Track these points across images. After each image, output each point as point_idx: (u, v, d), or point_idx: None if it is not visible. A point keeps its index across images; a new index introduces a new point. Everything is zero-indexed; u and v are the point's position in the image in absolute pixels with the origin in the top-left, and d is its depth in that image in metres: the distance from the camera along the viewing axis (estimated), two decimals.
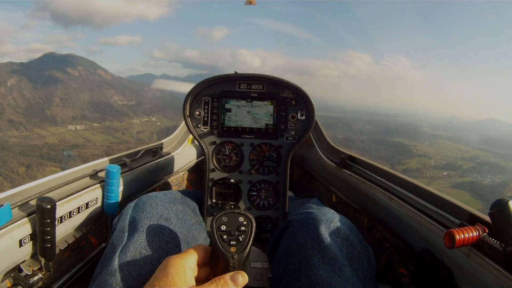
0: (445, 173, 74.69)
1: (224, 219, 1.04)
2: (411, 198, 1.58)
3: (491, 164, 78.27)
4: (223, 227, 1.01)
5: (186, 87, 1.76)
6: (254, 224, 1.03)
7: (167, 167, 2.42)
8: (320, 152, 2.75)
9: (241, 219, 1.04)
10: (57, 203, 1.38)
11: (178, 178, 2.62)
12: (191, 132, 1.74)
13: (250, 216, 1.06)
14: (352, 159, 2.30)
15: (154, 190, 2.19)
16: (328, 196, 2.49)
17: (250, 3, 2.80)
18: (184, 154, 2.67)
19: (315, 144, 2.89)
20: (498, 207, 1.01)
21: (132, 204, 1.40)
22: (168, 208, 1.41)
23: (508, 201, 1.01)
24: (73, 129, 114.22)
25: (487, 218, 1.15)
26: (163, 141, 2.55)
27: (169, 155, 2.44)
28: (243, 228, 1.01)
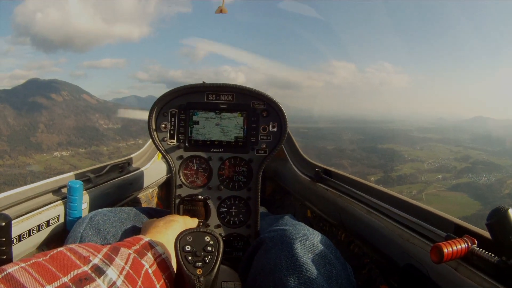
0: (439, 176, 74.17)
1: (189, 238, 0.99)
2: (392, 211, 1.53)
3: (485, 162, 78.02)
4: (188, 248, 0.96)
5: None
6: (221, 244, 0.99)
7: (136, 183, 2.31)
8: (294, 166, 2.62)
9: (207, 238, 1.00)
10: (14, 221, 1.36)
11: (147, 195, 2.56)
12: (156, 147, 1.71)
13: (217, 235, 1.01)
14: (328, 172, 2.20)
15: (120, 207, 2.00)
16: (303, 212, 2.44)
17: (221, 11, 2.91)
18: (153, 170, 2.57)
19: (288, 157, 2.76)
20: (496, 216, 0.94)
21: (82, 221, 1.38)
22: (117, 226, 1.38)
23: (508, 209, 0.95)
24: (59, 155, 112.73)
25: (475, 229, 1.12)
26: (131, 155, 2.43)
27: (137, 171, 2.34)
28: (209, 249, 0.97)
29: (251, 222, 1.72)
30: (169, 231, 1.19)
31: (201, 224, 1.72)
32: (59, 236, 1.63)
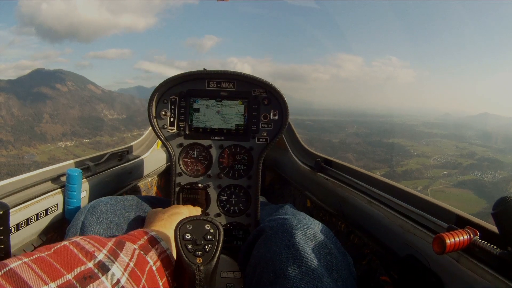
0: (445, 172, 73.98)
1: (189, 227, 0.97)
2: (393, 202, 1.52)
3: (490, 159, 77.85)
4: (188, 236, 0.94)
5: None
6: (222, 232, 0.98)
7: (135, 172, 2.31)
8: (294, 156, 2.63)
9: (207, 226, 0.98)
10: (13, 209, 1.35)
11: (147, 184, 2.55)
12: (156, 134, 1.68)
13: (218, 223, 1.00)
14: (328, 162, 2.20)
15: (120, 195, 1.98)
16: (303, 201, 2.42)
17: None
18: (153, 158, 2.56)
19: (288, 147, 2.74)
20: (502, 206, 0.92)
21: (83, 209, 1.37)
22: (120, 215, 1.38)
23: None
24: (63, 146, 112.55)
25: (477, 220, 1.12)
26: (131, 144, 2.43)
27: (136, 159, 2.34)
28: (209, 237, 0.95)
29: (251, 211, 1.72)
30: (173, 224, 1.13)
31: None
32: (57, 225, 1.64)
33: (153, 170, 2.59)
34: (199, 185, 1.69)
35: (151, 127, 1.72)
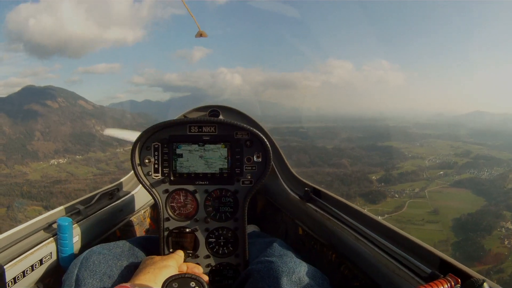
0: (441, 172, 73.28)
1: (175, 285, 1.01)
2: (378, 241, 1.53)
3: (486, 157, 77.31)
4: None
5: (133, 136, 1.79)
6: None
7: (126, 208, 2.34)
8: (284, 184, 2.58)
9: (192, 284, 1.02)
10: (8, 264, 1.39)
11: (139, 217, 2.54)
12: (140, 182, 1.71)
13: (202, 280, 1.05)
14: (317, 192, 2.19)
15: (114, 233, 2.19)
16: (295, 229, 2.38)
17: (201, 35, 2.93)
18: (144, 192, 2.51)
19: (278, 174, 2.68)
20: None
21: (77, 260, 1.40)
22: (112, 265, 1.41)
23: (483, 282, 0.96)
24: (56, 163, 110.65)
25: (460, 266, 1.12)
26: (121, 180, 2.45)
27: (127, 196, 2.36)
28: None
29: (240, 251, 1.74)
30: (158, 279, 1.20)
31: (190, 255, 1.73)
32: (53, 272, 1.67)
33: (145, 203, 2.59)
34: (187, 229, 1.72)
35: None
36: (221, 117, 2.51)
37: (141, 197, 2.51)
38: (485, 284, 0.94)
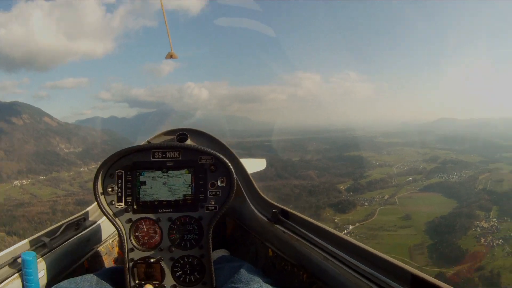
0: (410, 178, 71.32)
1: None
2: (348, 260, 1.50)
3: (454, 161, 76.51)
4: None
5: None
6: None
7: (94, 238, 2.26)
8: (252, 206, 2.54)
9: None
10: None
11: (108, 246, 2.46)
12: (103, 212, 1.70)
13: None
14: (285, 213, 2.16)
15: (82, 265, 2.11)
16: (265, 251, 2.34)
17: (171, 57, 2.92)
18: None
19: (246, 196, 2.65)
20: None
21: None
22: None
23: None
24: (19, 184, 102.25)
25: (432, 280, 1.13)
26: (88, 209, 2.37)
27: (94, 225, 2.27)
28: None
29: (207, 279, 1.74)
30: None
31: (157, 285, 1.72)
32: None
33: (113, 232, 2.50)
34: (151, 259, 1.70)
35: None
36: (189, 140, 2.35)
37: (109, 226, 2.38)
38: None
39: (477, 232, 45.97)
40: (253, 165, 3.01)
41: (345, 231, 50.57)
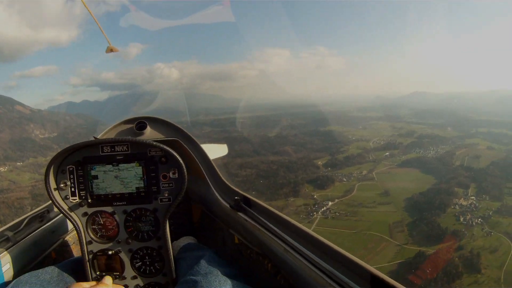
0: (387, 153, 71.45)
1: None
2: (307, 255, 1.50)
3: (430, 136, 77.26)
4: None
5: None
6: None
7: (59, 229, 2.25)
8: (216, 193, 2.52)
9: None
10: None
11: (75, 236, 2.41)
12: (56, 207, 1.71)
13: None
14: (247, 201, 2.15)
15: (49, 255, 2.10)
16: (231, 238, 2.34)
17: (111, 50, 2.91)
18: None
19: (209, 183, 2.61)
20: None
21: None
22: None
23: None
24: None
25: (391, 281, 1.14)
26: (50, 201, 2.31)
27: (59, 216, 2.26)
28: None
29: (167, 270, 1.76)
30: None
31: (117, 277, 1.73)
32: None
33: None
34: (110, 252, 1.71)
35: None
36: (148, 128, 2.36)
37: None
38: None
39: (456, 210, 46.33)
40: (215, 150, 2.96)
41: (325, 207, 50.42)
